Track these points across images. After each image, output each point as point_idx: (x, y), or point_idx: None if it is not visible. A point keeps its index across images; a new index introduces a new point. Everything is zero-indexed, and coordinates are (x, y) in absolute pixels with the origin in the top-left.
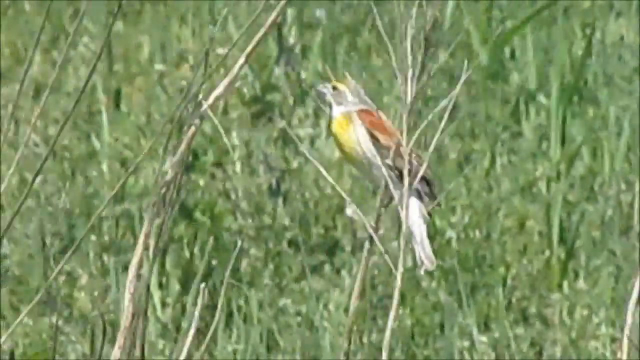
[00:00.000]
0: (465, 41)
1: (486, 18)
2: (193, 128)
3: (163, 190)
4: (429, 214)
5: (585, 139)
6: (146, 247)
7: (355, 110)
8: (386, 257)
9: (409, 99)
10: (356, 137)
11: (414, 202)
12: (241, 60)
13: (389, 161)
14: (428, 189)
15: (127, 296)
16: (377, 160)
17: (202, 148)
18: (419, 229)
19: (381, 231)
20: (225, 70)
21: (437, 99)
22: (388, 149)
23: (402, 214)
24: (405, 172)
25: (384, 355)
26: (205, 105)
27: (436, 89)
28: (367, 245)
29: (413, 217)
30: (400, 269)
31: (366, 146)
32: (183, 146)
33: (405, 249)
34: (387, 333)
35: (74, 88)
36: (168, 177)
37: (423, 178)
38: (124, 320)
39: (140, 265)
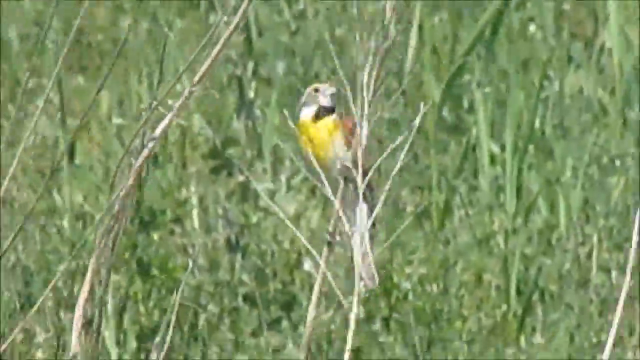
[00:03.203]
0: (425, 92)
1: (447, 70)
2: (140, 159)
3: (110, 224)
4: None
5: (541, 191)
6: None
7: (337, 115)
8: (337, 291)
9: (362, 142)
10: (339, 144)
11: (362, 216)
12: (186, 92)
13: (348, 163)
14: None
15: (74, 334)
16: (344, 166)
17: (159, 204)
18: (364, 244)
19: (338, 237)
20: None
21: (396, 149)
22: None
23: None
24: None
25: None
26: (153, 135)
27: (395, 139)
28: (324, 254)
29: (358, 231)
30: (356, 299)
31: (343, 154)
32: (131, 179)
33: (359, 275)
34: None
35: (32, 143)
36: (115, 209)
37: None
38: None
39: (87, 303)
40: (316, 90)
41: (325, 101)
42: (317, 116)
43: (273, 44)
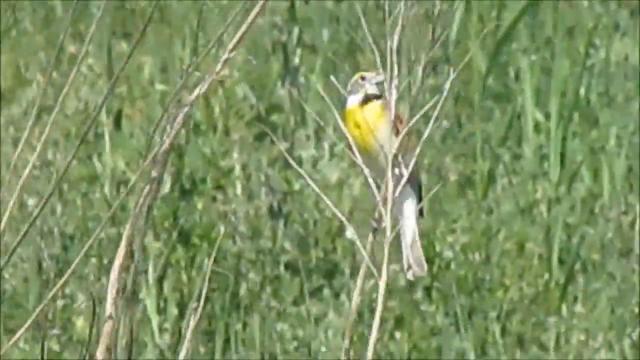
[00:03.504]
0: (470, 62)
1: (493, 38)
2: (179, 120)
3: (146, 189)
4: (421, 213)
5: (585, 160)
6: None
7: (383, 100)
8: (369, 263)
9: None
10: (386, 129)
11: (409, 202)
12: (223, 58)
13: (395, 150)
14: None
15: (109, 300)
16: (389, 152)
17: (202, 171)
18: (410, 230)
19: (384, 223)
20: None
21: (438, 118)
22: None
23: (391, 213)
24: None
25: None
26: (190, 98)
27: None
28: (368, 244)
29: (406, 217)
30: (384, 277)
31: (389, 139)
32: (169, 139)
33: (389, 256)
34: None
35: (75, 109)
36: (154, 174)
37: (416, 178)
38: (106, 326)
39: (123, 268)
40: (362, 78)
41: (372, 89)
42: (365, 103)
43: (318, 11)
